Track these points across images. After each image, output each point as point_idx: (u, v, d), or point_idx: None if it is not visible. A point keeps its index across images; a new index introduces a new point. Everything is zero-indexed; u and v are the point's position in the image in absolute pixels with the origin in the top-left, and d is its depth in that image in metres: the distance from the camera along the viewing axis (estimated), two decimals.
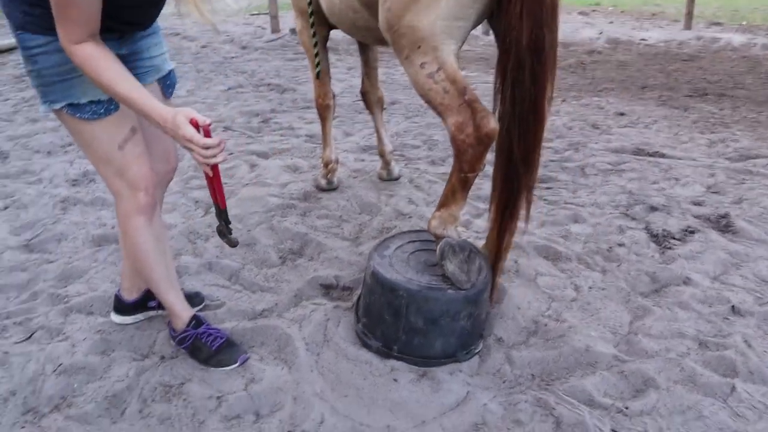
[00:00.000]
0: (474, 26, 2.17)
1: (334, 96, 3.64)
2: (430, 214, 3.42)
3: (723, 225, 3.31)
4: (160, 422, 1.95)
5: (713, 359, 2.26)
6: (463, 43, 2.17)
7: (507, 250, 2.37)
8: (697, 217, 3.41)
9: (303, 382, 2.11)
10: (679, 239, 3.17)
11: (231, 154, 4.47)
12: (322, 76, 3.47)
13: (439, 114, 2.11)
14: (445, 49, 2.06)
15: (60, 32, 1.62)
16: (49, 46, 1.74)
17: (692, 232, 3.22)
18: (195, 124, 1.72)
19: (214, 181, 1.93)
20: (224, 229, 2.10)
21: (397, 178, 3.96)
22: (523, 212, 2.22)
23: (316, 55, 3.35)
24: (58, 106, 1.83)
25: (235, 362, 2.20)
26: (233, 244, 2.11)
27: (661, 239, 3.17)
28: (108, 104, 1.87)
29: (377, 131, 3.90)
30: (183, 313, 2.25)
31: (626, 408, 2.01)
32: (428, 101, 2.12)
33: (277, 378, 2.13)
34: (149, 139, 2.09)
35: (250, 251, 3.03)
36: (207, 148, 1.71)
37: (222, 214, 2.05)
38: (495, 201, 2.27)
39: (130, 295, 2.41)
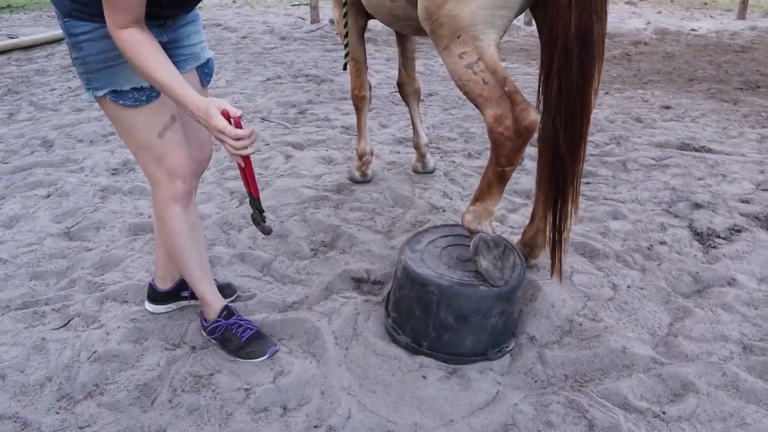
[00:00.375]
0: (516, 15, 2.11)
1: (370, 87, 3.61)
2: (464, 208, 3.37)
3: None
4: (188, 412, 1.96)
5: (758, 364, 2.16)
6: (505, 33, 2.11)
7: (566, 240, 2.32)
8: (744, 215, 3.28)
9: (331, 376, 2.09)
10: (724, 238, 3.04)
11: (267, 144, 4.49)
12: (357, 66, 3.44)
13: (477, 106, 2.06)
14: (486, 39, 2.01)
15: (107, 17, 1.65)
16: (94, 33, 1.77)
17: (739, 231, 3.10)
18: (226, 116, 1.72)
19: (246, 171, 1.93)
20: (258, 217, 2.09)
21: (431, 171, 3.91)
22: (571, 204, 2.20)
23: (346, 45, 3.31)
24: (101, 93, 1.85)
25: (264, 354, 2.20)
26: (267, 231, 2.11)
27: (705, 238, 3.05)
28: (150, 91, 1.89)
29: (413, 123, 3.85)
30: (215, 303, 2.26)
31: (663, 413, 1.94)
32: (466, 92, 2.07)
33: (305, 371, 2.12)
34: (186, 128, 2.11)
35: (282, 243, 3.03)
36: (238, 139, 1.71)
37: (255, 202, 2.04)
38: (541, 195, 2.22)
39: (164, 285, 2.43)
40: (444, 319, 2.12)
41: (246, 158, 1.86)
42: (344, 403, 1.97)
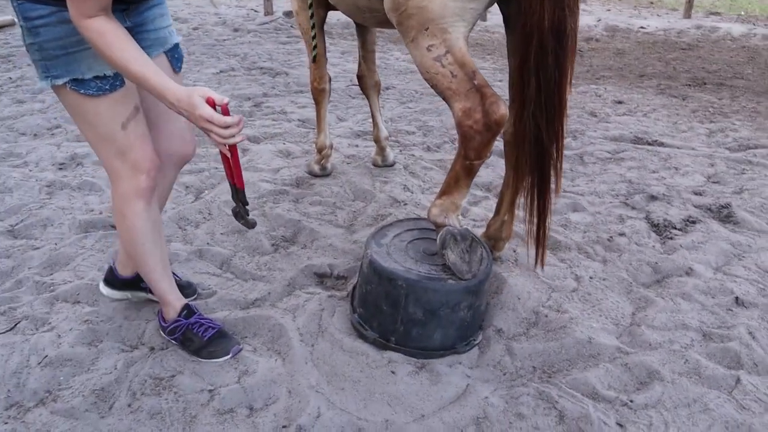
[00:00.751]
0: (485, 9, 2.09)
1: (330, 80, 3.55)
2: (425, 201, 3.35)
3: (724, 215, 3.26)
4: (150, 417, 1.88)
5: (717, 351, 2.21)
6: (473, 26, 2.09)
7: (548, 225, 2.32)
8: (698, 207, 3.36)
9: (298, 375, 2.04)
10: (680, 229, 3.11)
11: None
12: (318, 58, 3.38)
13: (445, 99, 2.03)
14: (455, 32, 1.98)
15: (71, 5, 1.54)
16: (52, 17, 1.65)
17: (693, 222, 3.17)
18: (212, 103, 1.64)
19: (232, 161, 1.85)
20: (241, 210, 2.02)
21: (392, 165, 3.88)
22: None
23: (314, 37, 3.25)
24: (60, 81, 1.73)
25: (228, 354, 2.13)
26: (251, 225, 2.03)
27: (662, 229, 3.11)
28: (113, 80, 1.79)
29: (373, 116, 3.81)
30: (175, 302, 2.18)
31: (631, 401, 1.96)
32: (434, 85, 2.04)
33: (270, 370, 2.06)
34: (163, 118, 2.01)
35: (241, 238, 2.95)
36: (227, 127, 1.63)
37: (239, 194, 1.97)
38: (511, 189, 2.23)
39: (125, 272, 2.33)
40: (412, 314, 2.09)
41: (232, 147, 1.78)
42: (313, 401, 1.92)
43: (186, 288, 2.44)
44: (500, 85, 5.77)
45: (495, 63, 7.07)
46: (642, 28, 9.45)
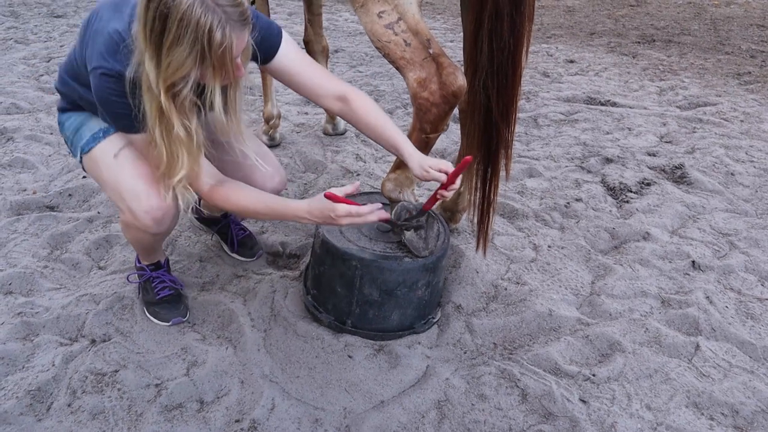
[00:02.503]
0: None
1: None
2: (379, 170, 3.24)
3: (678, 176, 3.26)
4: (92, 417, 1.75)
5: (676, 318, 2.20)
6: None
7: (494, 209, 2.21)
8: (652, 168, 3.35)
9: (250, 364, 1.94)
10: (635, 192, 3.09)
11: None
12: None
13: (399, 69, 1.89)
14: None
15: (195, 190, 1.79)
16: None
17: (648, 185, 3.16)
18: (334, 198, 1.66)
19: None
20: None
21: (343, 133, 3.75)
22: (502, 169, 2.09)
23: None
24: (90, 143, 1.90)
25: (167, 322, 2.11)
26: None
27: (618, 192, 3.09)
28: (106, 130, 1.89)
29: None
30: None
31: (593, 375, 1.93)
32: (386, 54, 1.90)
33: (221, 360, 1.95)
34: (242, 166, 2.03)
35: (185, 217, 2.79)
36: (367, 214, 1.69)
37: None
38: (473, 168, 2.11)
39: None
40: (368, 295, 2.00)
41: None
42: (267, 392, 1.82)
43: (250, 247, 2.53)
44: (451, 46, 5.65)
45: (446, 23, 6.92)
46: None
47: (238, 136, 1.85)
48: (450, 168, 1.75)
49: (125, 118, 1.68)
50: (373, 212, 1.70)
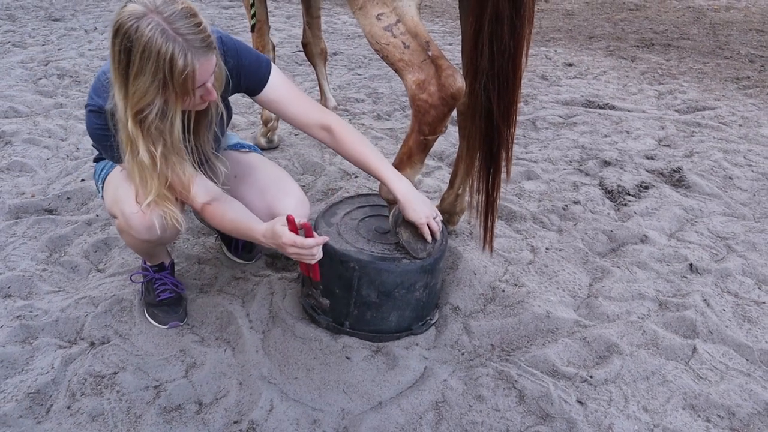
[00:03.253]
0: None
1: (273, 47, 3.38)
2: None
3: (676, 179, 3.27)
4: (91, 419, 1.76)
5: (674, 320, 2.20)
6: None
7: (497, 209, 2.22)
8: (650, 171, 3.36)
9: (248, 365, 1.94)
10: (633, 195, 3.10)
11: None
12: (260, 26, 3.20)
13: (397, 71, 1.90)
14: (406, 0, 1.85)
15: (190, 206, 1.92)
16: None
17: (646, 188, 3.17)
18: (292, 221, 1.71)
19: (311, 267, 1.88)
20: (315, 292, 2.09)
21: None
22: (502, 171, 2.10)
23: (253, 5, 3.07)
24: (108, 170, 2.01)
25: (165, 325, 2.12)
26: (324, 305, 2.08)
27: (616, 195, 3.10)
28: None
29: (320, 85, 3.66)
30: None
31: (591, 377, 1.93)
32: (385, 57, 1.90)
33: (219, 361, 1.96)
34: (262, 190, 2.12)
35: (185, 218, 2.79)
36: (311, 247, 1.70)
37: (316, 284, 2.04)
38: (465, 162, 2.11)
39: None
40: (366, 296, 2.00)
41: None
42: (265, 393, 1.83)
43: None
44: (450, 49, 5.66)
45: (444, 26, 6.94)
46: None
47: (209, 154, 1.95)
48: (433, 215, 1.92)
49: (112, 149, 1.78)
50: (318, 246, 1.73)
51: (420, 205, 1.89)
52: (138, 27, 1.51)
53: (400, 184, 1.88)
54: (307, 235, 1.73)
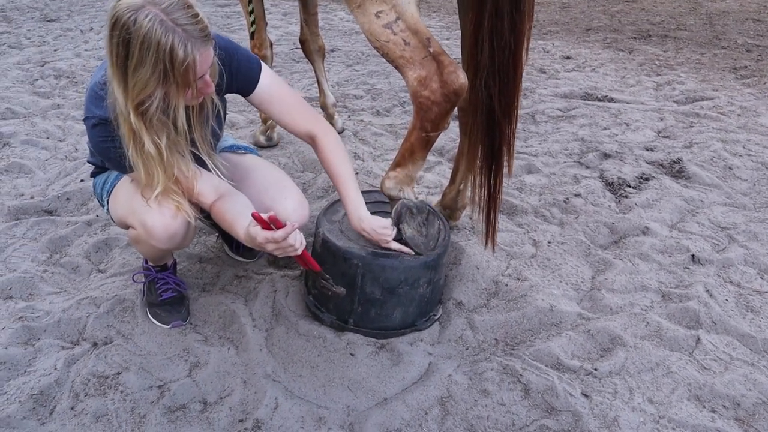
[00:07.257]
0: None
1: (271, 45, 3.37)
2: (377, 169, 3.25)
3: (676, 171, 3.26)
4: (95, 419, 1.75)
5: (677, 311, 2.20)
6: None
7: (499, 205, 2.21)
8: (650, 163, 3.35)
9: (252, 363, 1.94)
10: (634, 187, 3.10)
11: None
12: (257, 22, 3.19)
13: (398, 68, 1.88)
14: None
15: (198, 203, 1.91)
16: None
17: (647, 179, 3.16)
18: (258, 218, 1.68)
19: (302, 257, 1.84)
20: (327, 284, 2.02)
21: (340, 132, 3.75)
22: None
23: (250, 1, 3.05)
24: (114, 181, 2.01)
25: (167, 324, 2.11)
26: (341, 292, 2.01)
27: (616, 188, 3.09)
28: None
29: (318, 82, 3.65)
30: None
31: (595, 369, 1.93)
32: (385, 54, 1.89)
33: (223, 360, 1.95)
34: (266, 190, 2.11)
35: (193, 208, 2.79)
36: (285, 239, 1.68)
37: (320, 274, 2.00)
38: (467, 159, 2.10)
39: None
40: (370, 294, 2.00)
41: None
42: (270, 391, 1.82)
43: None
44: (447, 44, 5.65)
45: (441, 20, 6.92)
46: None
47: (208, 151, 1.92)
48: (388, 231, 1.92)
49: (119, 159, 1.76)
50: (292, 234, 1.71)
51: (371, 234, 1.93)
52: (136, 19, 1.49)
53: (356, 213, 1.91)
54: (277, 227, 1.69)
